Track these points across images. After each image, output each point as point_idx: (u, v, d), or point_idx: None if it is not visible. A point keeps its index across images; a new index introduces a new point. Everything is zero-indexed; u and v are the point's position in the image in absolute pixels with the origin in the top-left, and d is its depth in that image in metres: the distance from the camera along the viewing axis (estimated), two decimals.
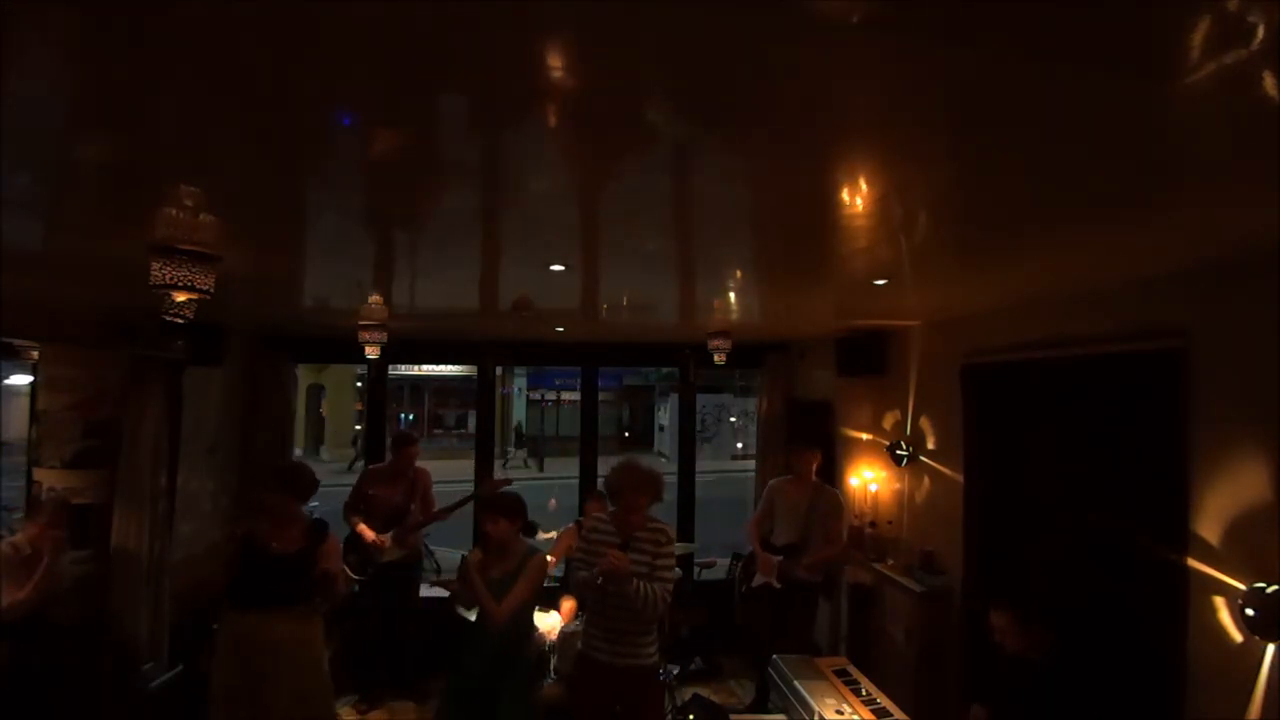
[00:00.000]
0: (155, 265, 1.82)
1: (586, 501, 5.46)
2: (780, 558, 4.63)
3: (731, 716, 4.30)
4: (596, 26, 1.10)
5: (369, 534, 4.82)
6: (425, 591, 5.41)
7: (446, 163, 1.80)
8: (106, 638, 4.05)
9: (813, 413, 5.99)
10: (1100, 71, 1.18)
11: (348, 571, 4.78)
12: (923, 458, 4.52)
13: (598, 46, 1.18)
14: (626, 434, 25.09)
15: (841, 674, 4.17)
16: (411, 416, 23.63)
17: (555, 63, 1.22)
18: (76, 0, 1.03)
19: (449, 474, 7.90)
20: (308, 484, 3.50)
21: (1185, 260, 2.53)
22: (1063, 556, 3.33)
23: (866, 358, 5.01)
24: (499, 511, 3.36)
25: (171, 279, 1.81)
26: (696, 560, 5.96)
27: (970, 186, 1.91)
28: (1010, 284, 3.24)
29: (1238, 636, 2.33)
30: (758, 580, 4.73)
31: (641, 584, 3.06)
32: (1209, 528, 2.49)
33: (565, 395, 23.74)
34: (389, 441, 5.41)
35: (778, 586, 4.61)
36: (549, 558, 5.06)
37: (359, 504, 4.97)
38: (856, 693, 3.92)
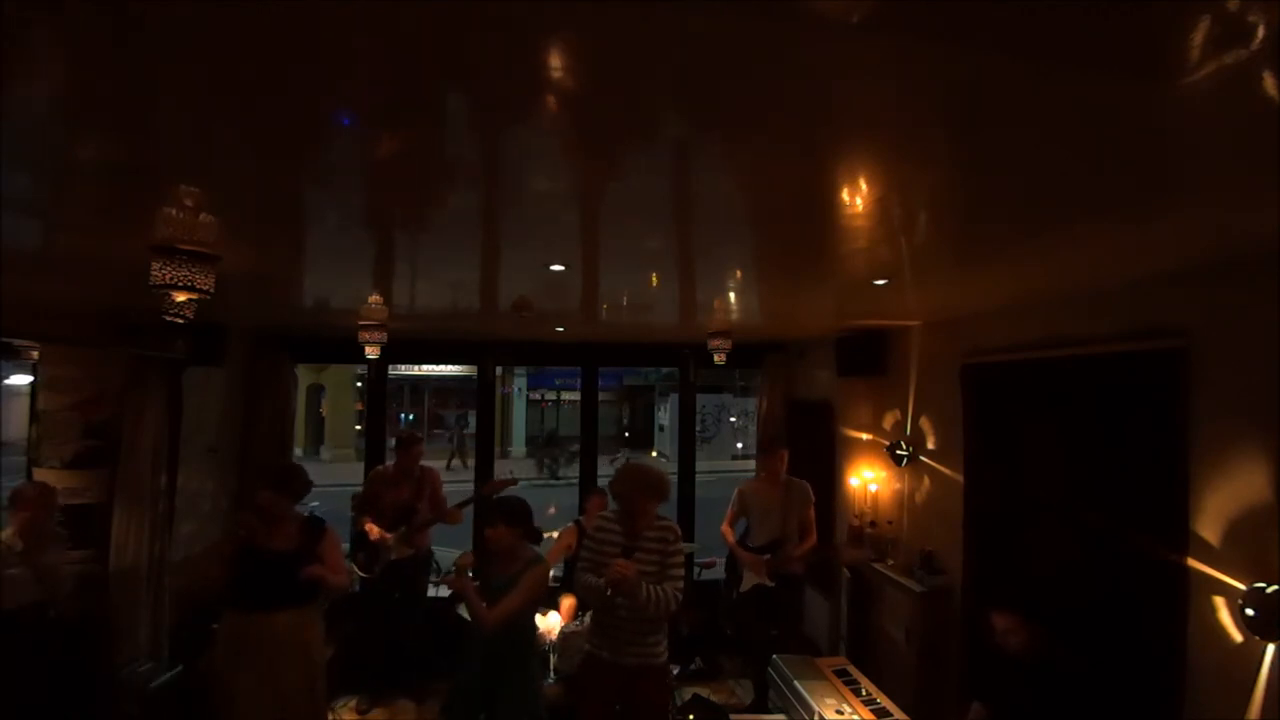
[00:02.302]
0: (155, 265, 1.82)
1: (587, 499, 5.46)
2: (767, 556, 4.68)
3: (731, 716, 4.30)
4: (596, 27, 1.10)
5: (375, 532, 4.83)
6: (432, 591, 5.41)
7: (446, 163, 1.80)
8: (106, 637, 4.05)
9: (813, 413, 5.99)
10: (1100, 72, 1.18)
11: (354, 568, 4.80)
12: (923, 458, 4.52)
13: (598, 47, 1.18)
14: (626, 434, 25.10)
15: (841, 674, 4.18)
16: (411, 416, 23.62)
17: (555, 63, 1.22)
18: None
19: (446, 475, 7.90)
20: (300, 484, 3.51)
21: (1185, 260, 2.53)
22: (1063, 556, 3.33)
23: (866, 358, 5.01)
24: (498, 516, 3.30)
25: (171, 279, 1.82)
26: (697, 560, 5.96)
27: (970, 187, 1.91)
28: (1010, 284, 3.24)
29: (1238, 636, 2.33)
30: (747, 583, 4.75)
31: (651, 588, 3.04)
32: (1209, 528, 2.49)
33: (565, 395, 23.74)
34: (393, 443, 5.40)
35: (771, 584, 4.66)
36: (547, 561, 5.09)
37: (367, 504, 4.99)
38: (856, 693, 3.93)
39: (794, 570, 4.69)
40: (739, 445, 21.82)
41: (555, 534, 5.38)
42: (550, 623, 4.79)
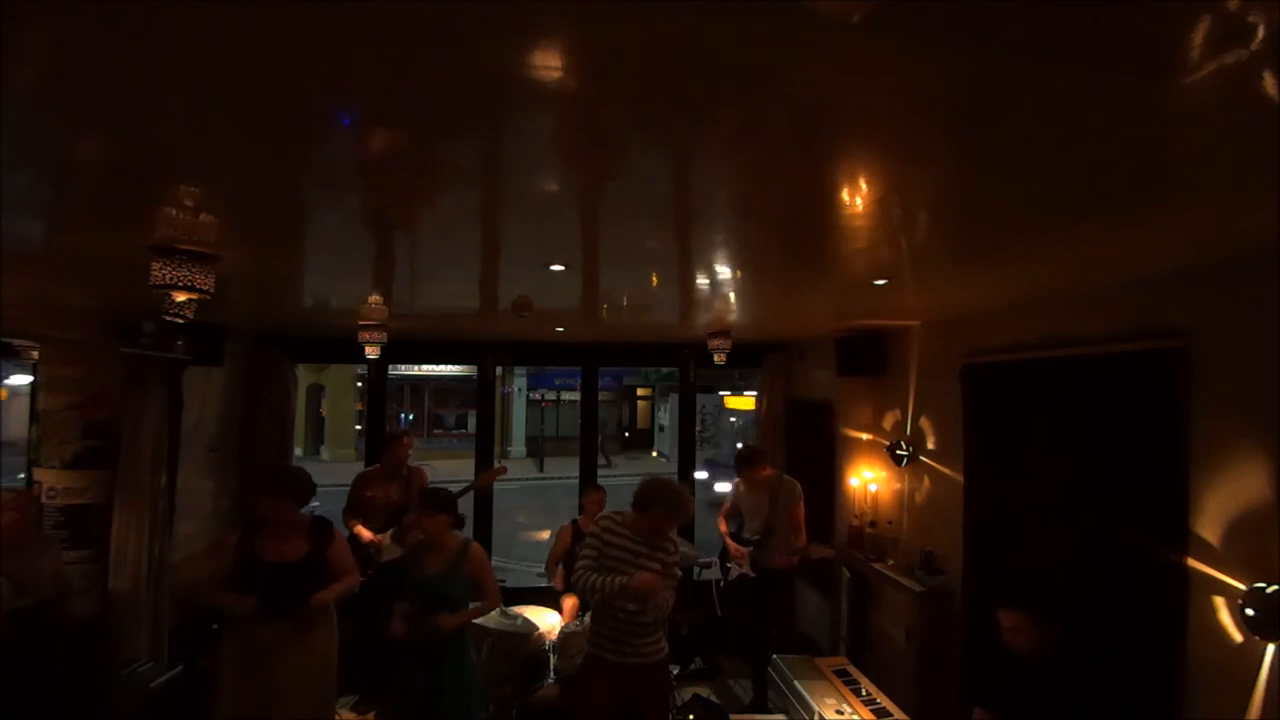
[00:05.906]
0: (155, 265, 1.83)
1: (585, 497, 5.45)
2: (750, 548, 4.81)
3: (731, 716, 4.30)
4: (596, 27, 1.10)
5: (366, 534, 4.82)
6: None
7: (446, 163, 1.80)
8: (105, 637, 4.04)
9: (813, 413, 5.99)
10: (1100, 72, 1.18)
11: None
12: (923, 458, 4.52)
13: (598, 47, 1.18)
14: (627, 434, 25.10)
15: (841, 674, 4.19)
16: (411, 416, 23.63)
17: (555, 63, 1.22)
18: None
19: (446, 474, 7.90)
20: (305, 488, 3.33)
21: (1185, 260, 2.53)
22: (1063, 557, 3.33)
23: (866, 358, 5.02)
24: (435, 506, 3.44)
25: (171, 279, 1.82)
26: (696, 561, 5.97)
27: (970, 186, 1.91)
28: (1010, 284, 3.24)
29: (1238, 636, 2.33)
30: (734, 571, 4.93)
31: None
32: (1209, 528, 2.49)
33: (565, 395, 23.76)
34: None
35: (752, 575, 4.79)
36: (551, 564, 5.13)
37: (357, 507, 4.97)
38: (856, 693, 3.94)
39: (775, 564, 4.76)
40: (739, 445, 21.82)
41: (547, 533, 5.38)
42: (550, 623, 4.79)
